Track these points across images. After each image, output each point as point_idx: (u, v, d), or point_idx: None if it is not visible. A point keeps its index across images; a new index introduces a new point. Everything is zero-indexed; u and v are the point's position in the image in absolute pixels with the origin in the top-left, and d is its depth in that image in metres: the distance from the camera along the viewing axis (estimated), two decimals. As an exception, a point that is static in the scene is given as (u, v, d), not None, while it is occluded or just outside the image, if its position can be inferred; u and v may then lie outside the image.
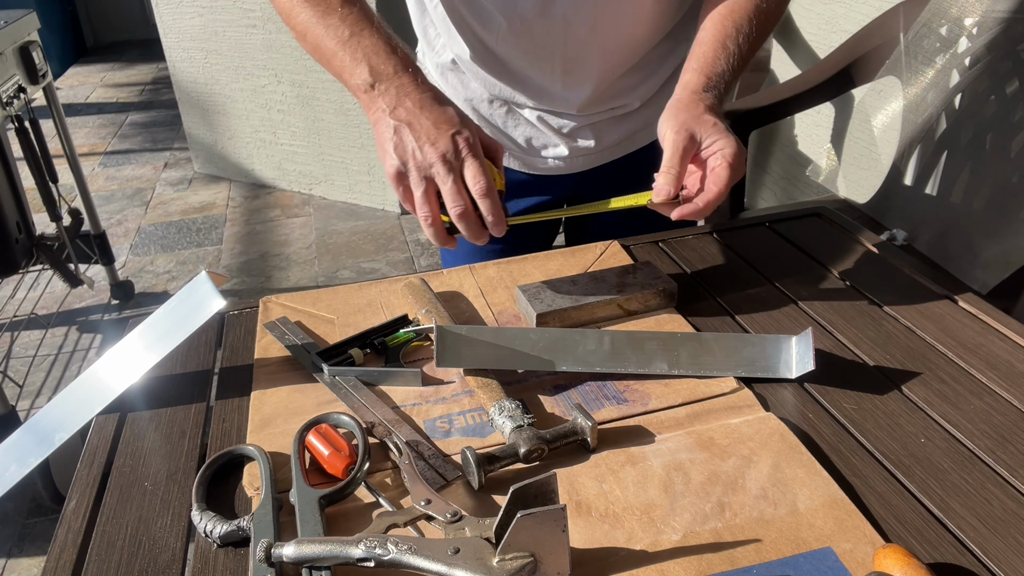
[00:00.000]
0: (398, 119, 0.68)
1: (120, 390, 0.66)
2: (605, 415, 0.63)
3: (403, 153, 0.68)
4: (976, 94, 1.41)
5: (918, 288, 0.80)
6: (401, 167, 0.68)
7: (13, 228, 1.95)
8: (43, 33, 2.15)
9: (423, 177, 0.68)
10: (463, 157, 0.67)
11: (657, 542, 0.52)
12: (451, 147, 0.67)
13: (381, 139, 0.70)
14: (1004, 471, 0.57)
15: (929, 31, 1.46)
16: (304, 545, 0.49)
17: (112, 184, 3.42)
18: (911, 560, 0.47)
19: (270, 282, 2.62)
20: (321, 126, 3.04)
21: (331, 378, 0.68)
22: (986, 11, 1.37)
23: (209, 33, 3.07)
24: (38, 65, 2.04)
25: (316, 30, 0.74)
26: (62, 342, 2.33)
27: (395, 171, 0.69)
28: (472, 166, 0.67)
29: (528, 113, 0.95)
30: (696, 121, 0.69)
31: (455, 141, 0.67)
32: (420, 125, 0.68)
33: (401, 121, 0.68)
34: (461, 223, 0.68)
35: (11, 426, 1.61)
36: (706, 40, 0.77)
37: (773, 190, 2.34)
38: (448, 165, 0.67)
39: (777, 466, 0.57)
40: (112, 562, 0.53)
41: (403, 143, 0.68)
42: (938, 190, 1.47)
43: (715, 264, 0.86)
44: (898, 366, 0.69)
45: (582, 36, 0.85)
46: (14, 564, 1.61)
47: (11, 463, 0.65)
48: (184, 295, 0.68)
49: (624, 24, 0.85)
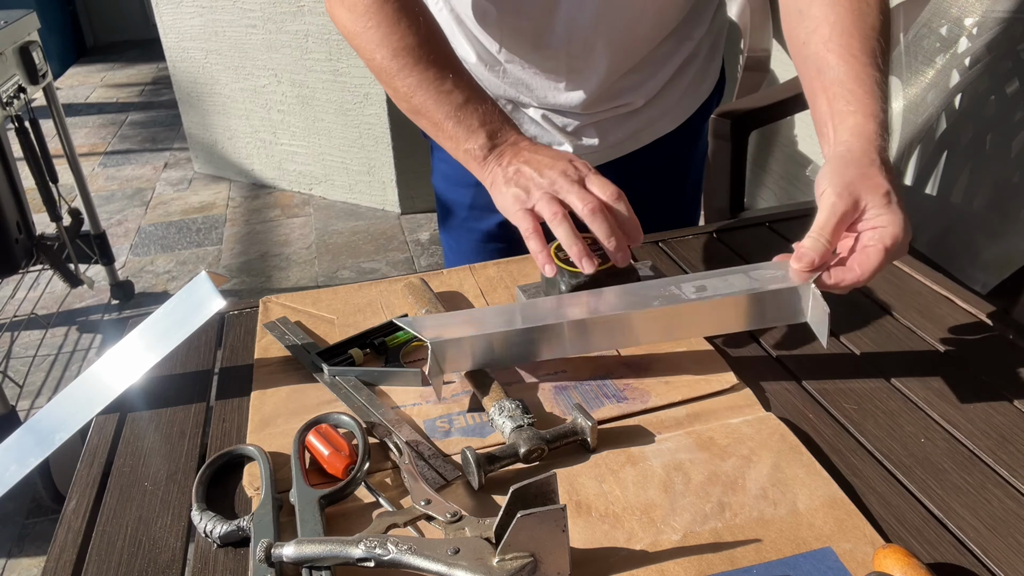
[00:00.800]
0: (515, 164, 0.70)
1: (120, 390, 0.66)
2: (605, 413, 0.63)
3: (524, 182, 0.68)
4: (976, 94, 1.41)
5: (918, 288, 0.80)
6: (522, 193, 0.68)
7: (13, 228, 1.95)
8: (43, 33, 2.15)
9: (546, 194, 0.67)
10: (584, 174, 0.68)
11: (657, 542, 0.52)
12: (570, 166, 0.68)
13: (498, 185, 0.70)
14: (1004, 471, 0.57)
15: (929, 31, 1.46)
16: (304, 545, 0.49)
17: (112, 184, 3.42)
18: (911, 560, 0.47)
19: (270, 282, 2.62)
20: (321, 126, 3.04)
21: (331, 378, 0.68)
22: (986, 11, 1.37)
23: (209, 33, 3.07)
24: (38, 65, 2.04)
25: (425, 95, 0.73)
26: (62, 342, 2.34)
27: (515, 198, 0.68)
28: (596, 178, 0.67)
29: (533, 112, 0.95)
30: (865, 184, 0.59)
31: (573, 163, 0.68)
32: (537, 160, 0.69)
33: (518, 163, 0.70)
34: (597, 220, 0.65)
35: (11, 426, 1.61)
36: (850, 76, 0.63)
37: (773, 190, 2.34)
38: (570, 178, 0.67)
39: (777, 466, 0.57)
40: (112, 562, 0.53)
41: (522, 175, 0.69)
42: (938, 190, 1.47)
43: (715, 264, 0.85)
44: (898, 366, 0.69)
45: (587, 31, 0.85)
46: (14, 564, 1.61)
47: (11, 463, 0.65)
48: (184, 295, 0.68)
49: (628, 18, 0.85)
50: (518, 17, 0.85)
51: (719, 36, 0.99)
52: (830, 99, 0.64)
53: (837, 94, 0.64)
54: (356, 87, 2.87)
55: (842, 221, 0.59)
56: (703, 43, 0.95)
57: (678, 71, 0.94)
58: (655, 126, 0.97)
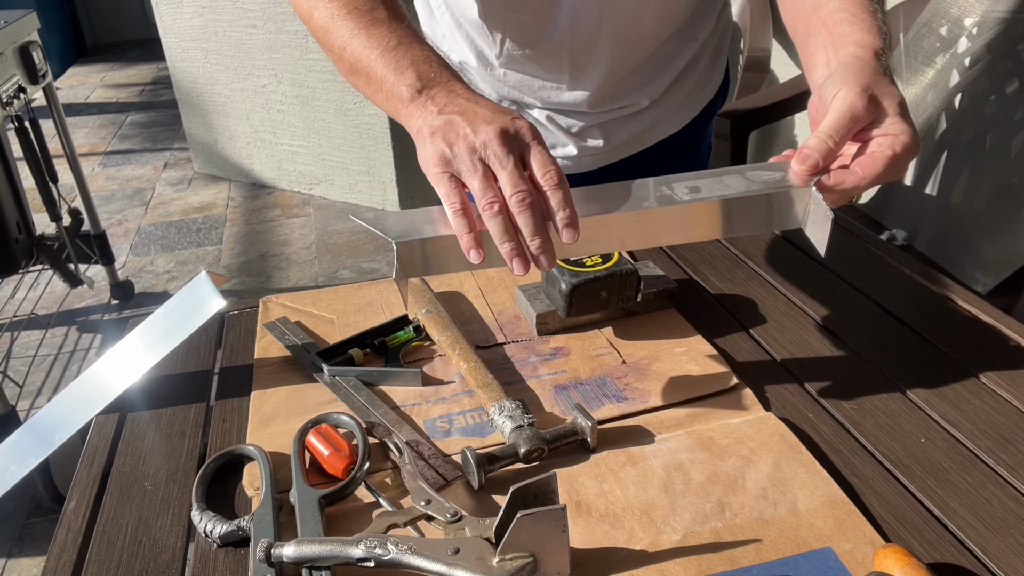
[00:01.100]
0: (448, 113, 0.57)
1: (120, 390, 0.66)
2: (605, 413, 0.63)
3: (452, 137, 0.56)
4: (976, 94, 1.41)
5: (918, 288, 0.80)
6: (447, 151, 0.55)
7: (13, 228, 1.95)
8: (43, 33, 2.15)
9: (476, 160, 0.55)
10: (526, 142, 0.56)
11: (657, 542, 0.52)
12: (512, 125, 0.55)
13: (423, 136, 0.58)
14: (1004, 471, 0.57)
15: (929, 31, 1.46)
16: (304, 545, 0.49)
17: (112, 184, 3.42)
18: (911, 560, 0.47)
19: (270, 282, 2.62)
20: (321, 126, 3.04)
21: (331, 378, 0.68)
22: (986, 11, 1.37)
23: (209, 33, 3.07)
24: (38, 65, 2.04)
25: (357, 43, 0.65)
26: (62, 342, 2.33)
27: (438, 156, 0.56)
28: (540, 152, 0.55)
29: (537, 113, 0.95)
30: (882, 90, 0.55)
31: (516, 123, 0.56)
32: (473, 112, 0.56)
33: (450, 112, 0.57)
34: (524, 215, 0.53)
35: (11, 426, 1.61)
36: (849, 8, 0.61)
37: (773, 190, 2.34)
38: (507, 146, 0.54)
39: (777, 466, 0.57)
40: (112, 562, 0.53)
41: (452, 128, 0.56)
42: (938, 190, 1.47)
43: (715, 264, 0.86)
44: (898, 366, 0.69)
45: (590, 26, 0.84)
46: (14, 564, 1.61)
47: (11, 463, 0.64)
48: (184, 295, 0.68)
49: (632, 12, 0.84)
50: (521, 11, 0.84)
51: (724, 38, 0.99)
52: (829, 28, 0.62)
53: (839, 20, 0.62)
54: (354, 87, 2.86)
55: (855, 123, 0.55)
56: (707, 44, 0.95)
57: (683, 72, 0.94)
58: (660, 127, 0.97)
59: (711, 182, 0.59)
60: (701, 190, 0.58)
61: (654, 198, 0.58)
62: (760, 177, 0.59)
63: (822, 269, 0.84)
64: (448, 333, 0.71)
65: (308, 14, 0.70)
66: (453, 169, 0.56)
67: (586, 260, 0.71)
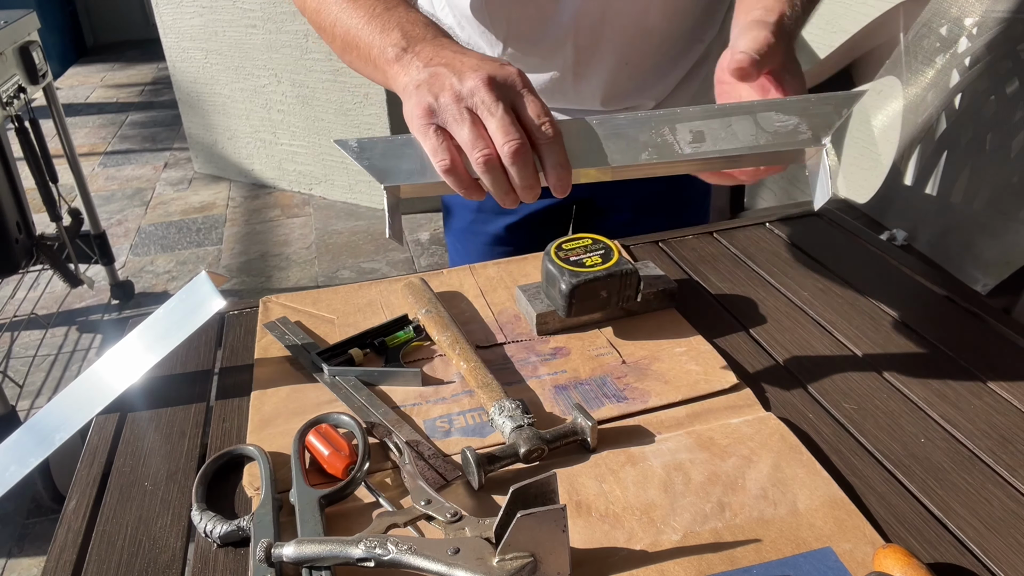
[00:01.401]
0: (433, 65, 0.55)
1: (120, 390, 0.66)
2: (605, 413, 0.63)
3: (436, 87, 0.53)
4: (976, 94, 1.41)
5: (918, 288, 0.80)
6: (433, 102, 0.53)
7: (13, 228, 1.95)
8: (43, 33, 2.15)
9: (463, 108, 0.52)
10: (519, 89, 0.53)
11: (657, 542, 0.52)
12: (501, 72, 0.53)
13: (408, 90, 0.55)
14: (1004, 471, 0.57)
15: (929, 31, 1.46)
16: (304, 545, 0.49)
17: (112, 184, 3.42)
18: (911, 560, 0.47)
19: (270, 282, 2.62)
20: (321, 126, 3.04)
21: (331, 378, 0.68)
22: (986, 11, 1.37)
23: (209, 33, 3.07)
24: (38, 65, 2.04)
25: (345, 15, 0.64)
26: (62, 342, 2.33)
27: (423, 109, 0.53)
28: (533, 101, 0.53)
29: None
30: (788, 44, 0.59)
31: (505, 70, 0.53)
32: (460, 62, 0.54)
33: (436, 65, 0.55)
34: (516, 164, 0.51)
35: (11, 426, 1.61)
36: None
37: (773, 190, 2.34)
38: (496, 92, 0.52)
39: (777, 466, 0.57)
40: (112, 562, 0.53)
41: (437, 79, 0.53)
42: (938, 190, 1.47)
43: (715, 264, 0.86)
44: (898, 366, 0.69)
45: (594, 21, 0.84)
46: (14, 564, 1.61)
47: (11, 463, 0.64)
48: (184, 295, 0.68)
49: (638, 8, 0.84)
50: (524, 4, 0.84)
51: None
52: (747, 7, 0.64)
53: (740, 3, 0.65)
54: (356, 87, 2.86)
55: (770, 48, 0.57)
56: (714, 47, 0.94)
57: (688, 74, 0.94)
58: None
59: (718, 127, 0.56)
60: (706, 139, 0.56)
61: (654, 147, 0.55)
62: (772, 125, 0.57)
63: (822, 269, 0.84)
64: (448, 333, 0.71)
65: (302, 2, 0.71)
66: (439, 120, 0.53)
67: (586, 260, 0.71)
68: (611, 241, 0.74)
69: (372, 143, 0.55)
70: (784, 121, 0.57)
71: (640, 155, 0.55)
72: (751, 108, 0.57)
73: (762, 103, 0.56)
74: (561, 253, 0.72)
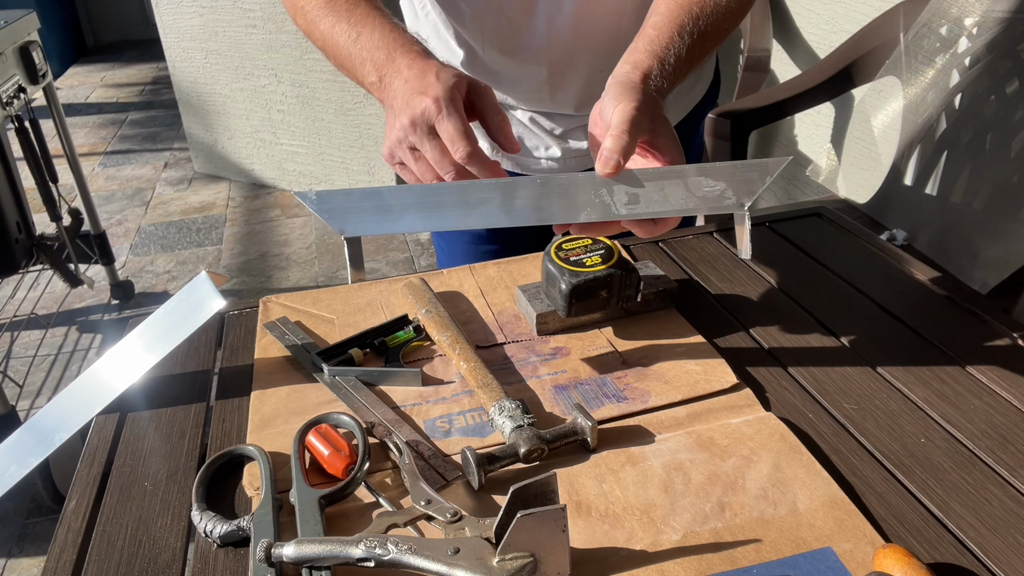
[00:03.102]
0: (391, 104, 0.65)
1: (120, 390, 0.66)
2: (605, 413, 0.63)
3: (388, 129, 0.65)
4: (976, 94, 1.41)
5: (918, 288, 0.80)
6: (391, 144, 0.64)
7: (13, 228, 1.95)
8: (43, 33, 2.15)
9: (407, 148, 0.63)
10: (435, 121, 0.61)
11: (657, 542, 0.52)
12: (418, 110, 0.61)
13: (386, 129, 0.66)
14: (1004, 471, 0.57)
15: (929, 31, 1.46)
16: (304, 545, 0.49)
17: (112, 184, 3.42)
18: (911, 560, 0.47)
19: (270, 282, 2.62)
20: (321, 126, 3.04)
21: (331, 378, 0.68)
22: (986, 11, 1.37)
23: (209, 33, 3.07)
24: (38, 65, 2.04)
25: (329, 46, 0.72)
26: (62, 342, 2.33)
27: (387, 150, 0.65)
28: (445, 131, 0.60)
29: (520, 114, 0.95)
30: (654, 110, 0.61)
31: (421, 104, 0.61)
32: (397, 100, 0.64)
33: (390, 102, 0.65)
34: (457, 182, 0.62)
35: (11, 426, 1.61)
36: (661, 24, 0.68)
37: (773, 190, 2.34)
38: (419, 131, 0.61)
39: (777, 466, 0.57)
40: (112, 562, 0.53)
41: (389, 120, 0.65)
42: (938, 190, 1.47)
43: (715, 264, 0.86)
44: (898, 366, 0.69)
45: (567, 33, 0.84)
46: (14, 564, 1.61)
47: (11, 463, 0.65)
48: (184, 295, 0.68)
49: (607, 20, 0.84)
50: (497, 19, 0.84)
51: None
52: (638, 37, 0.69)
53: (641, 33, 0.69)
54: (356, 87, 2.86)
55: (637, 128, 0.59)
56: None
57: None
58: None
59: (652, 191, 0.60)
60: (640, 202, 0.61)
61: (593, 207, 0.60)
62: (700, 189, 0.61)
63: (822, 270, 0.84)
64: (448, 333, 0.71)
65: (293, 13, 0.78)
66: (398, 159, 0.64)
67: (586, 260, 0.71)
68: (611, 241, 0.74)
69: (331, 195, 0.59)
70: (712, 187, 0.60)
71: (579, 214, 0.60)
72: (683, 173, 0.60)
73: (693, 168, 0.60)
74: (561, 253, 0.72)
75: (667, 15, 0.69)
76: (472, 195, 0.59)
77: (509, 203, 0.60)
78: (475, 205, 0.60)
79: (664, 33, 0.67)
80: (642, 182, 0.60)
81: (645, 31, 0.69)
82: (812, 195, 2.11)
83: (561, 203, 0.60)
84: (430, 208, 0.60)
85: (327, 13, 0.73)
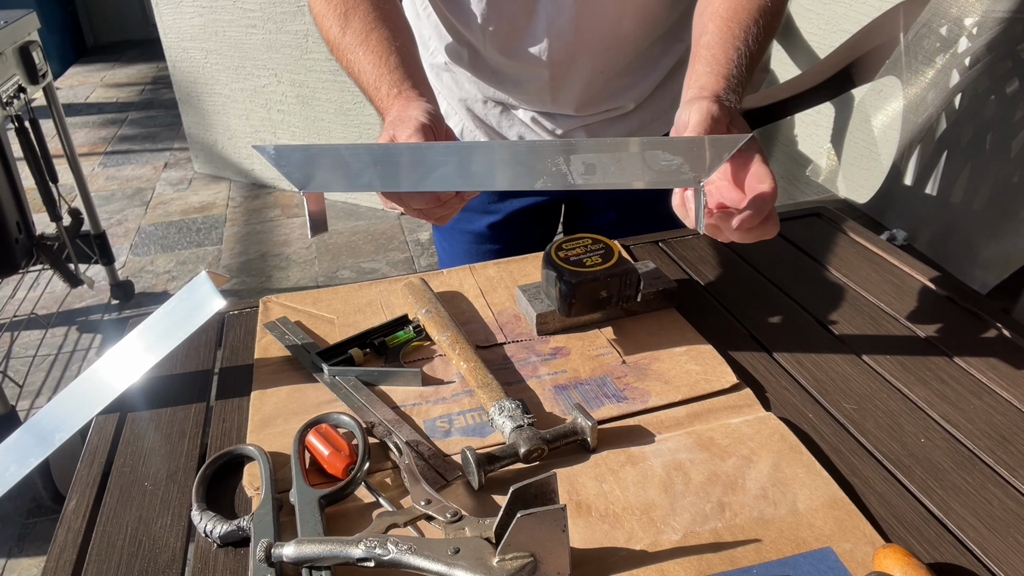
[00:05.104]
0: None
1: (120, 390, 0.66)
2: (605, 413, 0.63)
3: None
4: (976, 94, 1.41)
5: (918, 288, 0.80)
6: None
7: (13, 228, 1.95)
8: (43, 33, 2.15)
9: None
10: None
11: (657, 542, 0.52)
12: None
13: None
14: (1004, 471, 0.57)
15: (929, 31, 1.46)
16: (304, 545, 0.49)
17: (112, 184, 3.42)
18: (911, 560, 0.47)
19: (270, 282, 2.62)
20: (321, 126, 3.04)
21: (331, 378, 0.68)
22: (986, 11, 1.37)
23: (209, 33, 3.07)
24: (38, 65, 2.04)
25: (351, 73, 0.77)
26: (62, 342, 2.33)
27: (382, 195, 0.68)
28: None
29: (522, 114, 0.95)
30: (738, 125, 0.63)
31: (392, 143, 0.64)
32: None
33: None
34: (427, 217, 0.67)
35: (11, 426, 1.61)
36: (714, 44, 0.69)
37: (773, 190, 2.34)
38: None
39: (777, 466, 0.57)
40: (112, 562, 0.53)
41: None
42: (938, 190, 1.47)
43: (715, 264, 0.86)
44: (898, 366, 0.69)
45: (567, 35, 0.84)
46: (14, 564, 1.61)
47: (11, 463, 0.64)
48: (184, 295, 0.68)
49: (607, 22, 0.84)
50: (498, 21, 0.84)
51: None
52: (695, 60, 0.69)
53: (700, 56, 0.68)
54: (356, 87, 2.86)
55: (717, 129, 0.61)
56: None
57: (669, 74, 0.94)
58: (647, 129, 0.97)
59: (608, 161, 0.59)
60: (596, 171, 0.59)
61: (549, 176, 0.59)
62: (657, 163, 0.59)
63: (822, 269, 0.84)
64: (448, 333, 0.71)
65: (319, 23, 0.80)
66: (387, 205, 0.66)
67: (586, 260, 0.71)
68: (611, 241, 0.74)
69: (290, 150, 0.58)
70: (669, 161, 0.59)
71: (536, 182, 0.59)
72: (641, 145, 0.59)
73: (651, 141, 0.59)
74: (561, 253, 0.72)
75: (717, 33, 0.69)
76: (429, 157, 0.60)
77: (465, 167, 0.60)
78: (432, 167, 0.60)
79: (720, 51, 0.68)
80: (599, 151, 0.59)
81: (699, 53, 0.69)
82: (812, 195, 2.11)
83: (518, 170, 0.59)
84: (387, 167, 0.59)
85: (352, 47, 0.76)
